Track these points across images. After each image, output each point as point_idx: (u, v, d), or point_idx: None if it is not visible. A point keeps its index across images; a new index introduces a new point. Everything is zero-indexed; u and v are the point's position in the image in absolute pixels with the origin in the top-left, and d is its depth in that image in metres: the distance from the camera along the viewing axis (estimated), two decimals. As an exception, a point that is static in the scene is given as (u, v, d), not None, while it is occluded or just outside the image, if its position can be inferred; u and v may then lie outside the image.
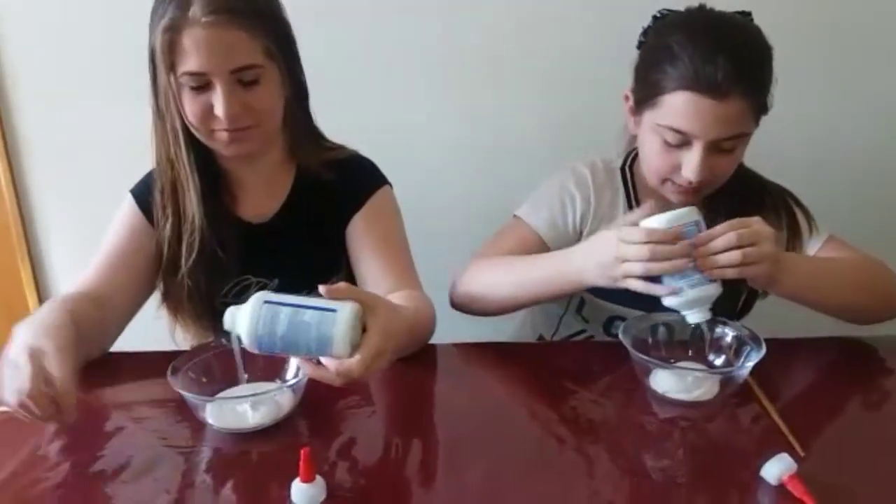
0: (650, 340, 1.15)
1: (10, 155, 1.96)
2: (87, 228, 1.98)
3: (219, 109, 1.13)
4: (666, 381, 1.06)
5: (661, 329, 1.15)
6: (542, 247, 1.30)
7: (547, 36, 1.80)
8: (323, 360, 0.86)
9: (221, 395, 1.04)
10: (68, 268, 2.09)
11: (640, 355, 1.05)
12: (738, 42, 1.13)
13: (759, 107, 1.16)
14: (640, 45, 1.26)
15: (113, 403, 1.08)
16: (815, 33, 1.78)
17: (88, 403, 1.07)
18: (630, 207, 1.33)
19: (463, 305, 1.30)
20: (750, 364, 1.04)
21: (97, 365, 1.16)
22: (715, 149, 1.15)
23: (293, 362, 1.06)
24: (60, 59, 1.87)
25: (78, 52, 1.86)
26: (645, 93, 1.20)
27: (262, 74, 1.15)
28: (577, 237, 1.32)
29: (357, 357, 0.84)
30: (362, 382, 0.90)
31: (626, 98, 1.27)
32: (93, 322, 1.11)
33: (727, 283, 1.05)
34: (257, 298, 0.86)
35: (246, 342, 0.86)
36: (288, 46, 1.22)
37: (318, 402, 1.04)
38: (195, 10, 1.09)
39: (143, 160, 1.28)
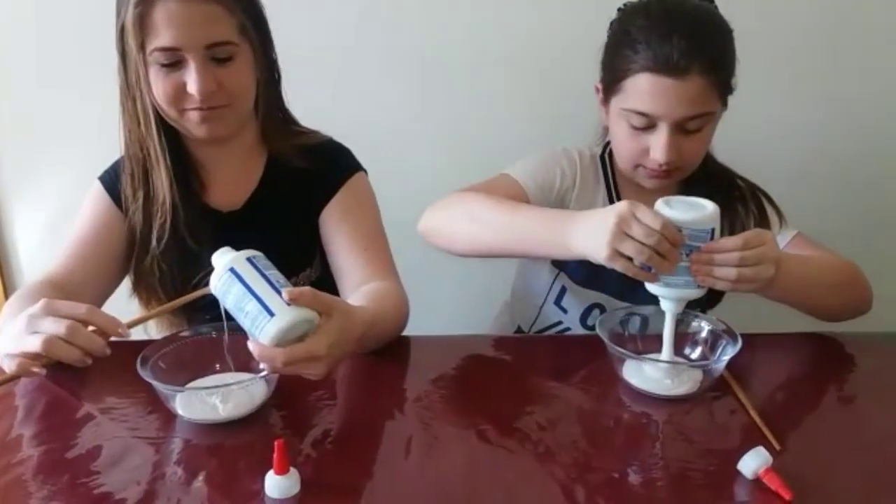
0: (626, 334, 1.15)
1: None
2: (54, 217, 1.96)
3: (192, 86, 1.11)
4: (643, 375, 1.06)
5: (638, 322, 1.15)
6: (524, 199, 1.27)
7: (533, 34, 1.80)
8: (250, 342, 0.87)
9: (192, 385, 1.02)
10: (35, 257, 2.06)
11: (617, 348, 1.05)
12: (694, 22, 1.16)
13: (722, 85, 1.18)
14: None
15: (82, 393, 1.05)
16: (810, 34, 1.80)
17: (57, 394, 1.05)
18: (609, 195, 1.34)
19: (430, 231, 1.26)
20: (726, 358, 1.04)
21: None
22: (681, 129, 1.17)
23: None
24: (29, 45, 1.84)
25: (48, 39, 1.83)
26: (609, 80, 1.23)
27: (236, 52, 1.14)
28: (554, 201, 1.32)
29: (285, 349, 0.85)
30: (328, 376, 0.90)
31: (597, 90, 1.29)
32: None
33: None
34: (231, 261, 0.89)
35: None
36: (261, 26, 1.21)
37: (291, 393, 1.02)
38: None
39: (111, 149, 1.25)
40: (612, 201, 1.34)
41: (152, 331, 1.34)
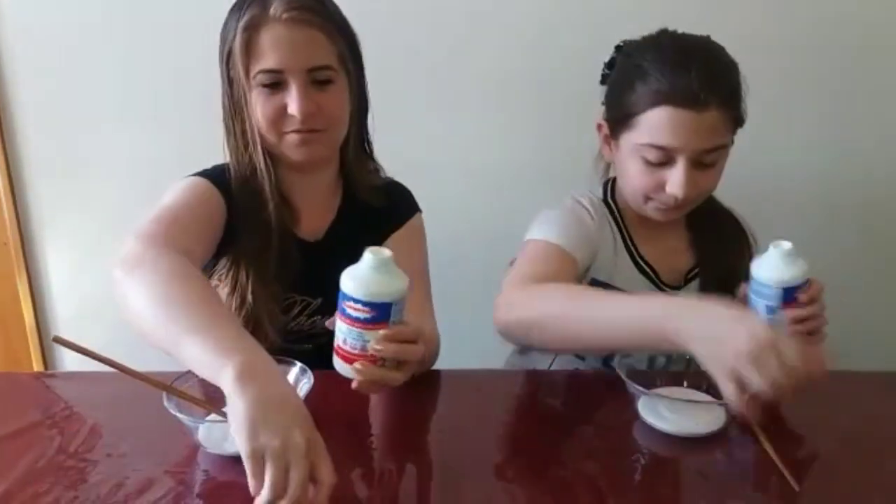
0: (645, 371, 1.15)
1: (10, 170, 1.96)
2: (85, 244, 1.99)
3: (293, 107, 1.15)
4: (661, 414, 1.06)
5: (658, 360, 1.15)
6: (573, 262, 1.22)
7: (558, 64, 1.82)
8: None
9: (217, 417, 1.03)
10: (67, 293, 2.09)
11: (636, 386, 1.06)
12: (708, 54, 1.17)
13: (736, 118, 1.18)
14: (606, 78, 1.29)
15: (109, 424, 1.07)
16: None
17: (86, 424, 1.07)
18: (623, 238, 1.33)
19: (513, 333, 1.14)
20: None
21: (95, 383, 1.17)
22: (697, 163, 1.17)
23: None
24: (65, 76, 1.88)
25: (84, 70, 1.86)
26: (620, 116, 1.22)
27: (335, 77, 1.19)
28: (595, 251, 1.28)
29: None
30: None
31: (600, 127, 1.29)
32: None
33: None
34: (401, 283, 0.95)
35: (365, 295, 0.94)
36: (357, 59, 1.25)
37: (315, 426, 1.03)
38: (276, 8, 1.13)
39: (140, 185, 1.25)
40: (625, 243, 1.33)
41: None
